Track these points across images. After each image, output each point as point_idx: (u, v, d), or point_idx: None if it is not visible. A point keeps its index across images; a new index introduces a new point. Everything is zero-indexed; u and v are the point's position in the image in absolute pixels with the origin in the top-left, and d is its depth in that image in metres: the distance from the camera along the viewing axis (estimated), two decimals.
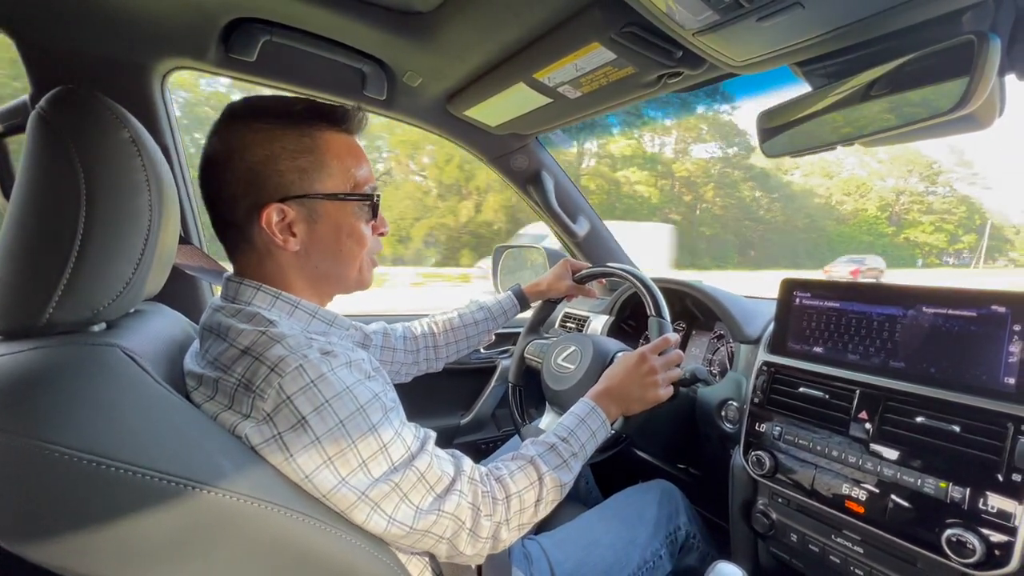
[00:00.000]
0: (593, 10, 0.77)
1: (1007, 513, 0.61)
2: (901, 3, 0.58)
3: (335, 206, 0.63)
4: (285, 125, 0.60)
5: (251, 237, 0.61)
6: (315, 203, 0.62)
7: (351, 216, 0.65)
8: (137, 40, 0.94)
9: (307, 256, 0.64)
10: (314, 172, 0.61)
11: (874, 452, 0.74)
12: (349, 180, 0.64)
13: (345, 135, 0.65)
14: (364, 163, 0.67)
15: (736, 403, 0.99)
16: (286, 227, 0.61)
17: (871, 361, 0.80)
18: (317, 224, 0.63)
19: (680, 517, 0.98)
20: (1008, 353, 0.66)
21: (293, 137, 0.60)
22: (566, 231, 1.58)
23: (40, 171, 0.45)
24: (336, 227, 0.64)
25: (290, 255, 0.63)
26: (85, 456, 0.38)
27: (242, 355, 0.53)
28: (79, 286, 0.45)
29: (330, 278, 0.67)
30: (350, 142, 0.66)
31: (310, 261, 0.64)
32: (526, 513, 0.64)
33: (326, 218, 0.63)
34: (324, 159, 0.62)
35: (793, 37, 0.69)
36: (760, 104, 0.87)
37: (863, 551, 0.78)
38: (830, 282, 0.90)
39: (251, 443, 0.49)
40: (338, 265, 0.66)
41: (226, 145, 0.59)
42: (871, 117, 0.73)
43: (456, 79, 1.10)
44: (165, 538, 0.41)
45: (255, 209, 0.59)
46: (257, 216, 0.59)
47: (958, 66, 0.60)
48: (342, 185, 0.63)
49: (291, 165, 0.60)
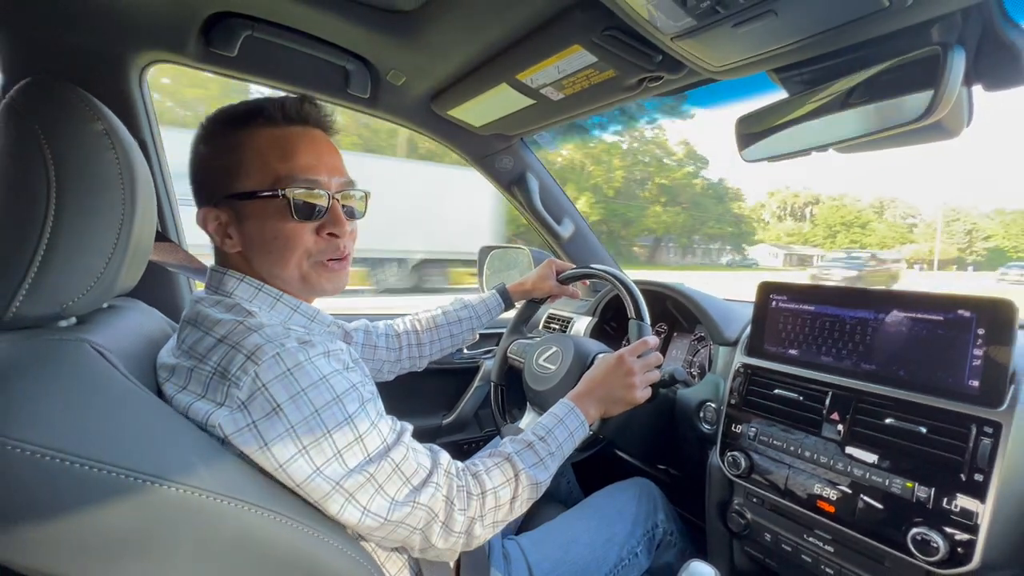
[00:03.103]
0: (574, 13, 0.78)
1: (970, 512, 0.63)
2: (871, 13, 0.59)
3: (255, 205, 0.60)
4: (217, 127, 0.62)
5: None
6: (238, 204, 0.61)
7: (273, 215, 0.60)
8: (116, 31, 0.93)
9: (248, 258, 0.63)
10: (234, 171, 0.60)
11: (846, 453, 0.76)
12: (269, 176, 0.60)
13: (274, 128, 0.61)
14: (295, 155, 0.61)
15: (714, 404, 1.00)
16: (222, 229, 0.62)
17: (843, 363, 0.82)
18: (243, 225, 0.62)
19: (658, 514, 0.99)
20: (972, 356, 0.68)
21: (220, 138, 0.62)
22: (550, 232, 1.58)
23: (9, 161, 0.44)
24: (260, 228, 0.61)
25: (236, 256, 0.64)
26: (48, 452, 0.37)
27: (218, 343, 0.53)
28: (47, 280, 0.45)
29: (274, 282, 0.64)
30: (279, 134, 0.61)
31: (252, 263, 0.64)
32: (501, 510, 0.65)
33: (250, 219, 0.61)
34: (243, 156, 0.60)
35: (768, 44, 0.70)
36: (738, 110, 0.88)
37: (833, 550, 0.79)
38: (806, 285, 0.91)
39: (224, 432, 0.49)
40: (274, 267, 0.63)
41: (190, 154, 0.64)
42: (846, 124, 0.75)
43: (440, 79, 1.10)
44: (127, 534, 0.40)
45: (200, 212, 0.62)
46: (201, 219, 0.62)
47: (925, 77, 0.62)
48: (260, 182, 0.60)
49: (217, 166, 0.61)
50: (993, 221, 51.37)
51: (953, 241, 50.28)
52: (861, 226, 52.97)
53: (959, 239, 50.17)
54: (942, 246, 49.67)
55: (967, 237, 49.99)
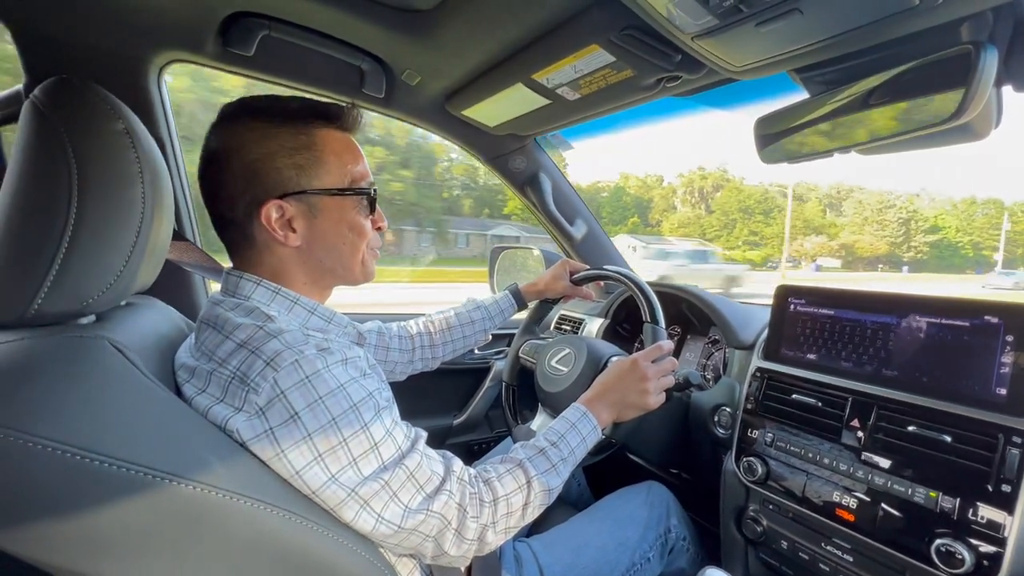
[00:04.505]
0: (592, 12, 0.77)
1: (997, 524, 0.61)
2: (899, 12, 0.58)
3: (334, 201, 0.64)
4: (281, 123, 0.61)
5: (251, 234, 0.62)
6: (314, 199, 0.63)
7: (350, 210, 0.66)
8: (134, 32, 0.94)
9: (309, 251, 0.65)
10: (311, 169, 0.62)
11: (865, 460, 0.74)
12: (346, 176, 0.65)
13: (341, 132, 0.66)
14: (360, 160, 0.67)
15: (729, 409, 0.99)
16: (286, 223, 0.62)
17: (864, 369, 0.80)
18: (317, 219, 0.64)
19: (671, 519, 0.97)
20: (1000, 364, 0.66)
21: (289, 135, 0.61)
22: (563, 233, 1.57)
23: (32, 161, 0.45)
24: (336, 221, 0.65)
25: (291, 250, 0.64)
26: (67, 448, 0.37)
27: (238, 348, 0.53)
28: (68, 277, 0.45)
29: (335, 271, 0.68)
30: (346, 139, 0.66)
31: (313, 255, 0.65)
32: (513, 517, 0.64)
33: (325, 213, 0.64)
34: (321, 156, 0.63)
35: (791, 43, 0.69)
36: (758, 111, 0.87)
37: (853, 560, 0.77)
38: (825, 289, 0.90)
39: (242, 438, 0.49)
40: (341, 258, 0.67)
41: (223, 144, 0.60)
42: (868, 125, 0.73)
43: (455, 78, 1.10)
44: (144, 531, 0.41)
45: (254, 206, 0.60)
46: (256, 213, 0.60)
47: (955, 76, 0.60)
48: (339, 181, 0.64)
49: (288, 162, 0.61)
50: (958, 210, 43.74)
51: (884, 234, 43.39)
52: (763, 214, 46.36)
53: (892, 230, 43.08)
54: (869, 239, 42.83)
55: (902, 228, 42.68)
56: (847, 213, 48.29)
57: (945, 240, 42.83)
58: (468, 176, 37.49)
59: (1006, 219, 44.43)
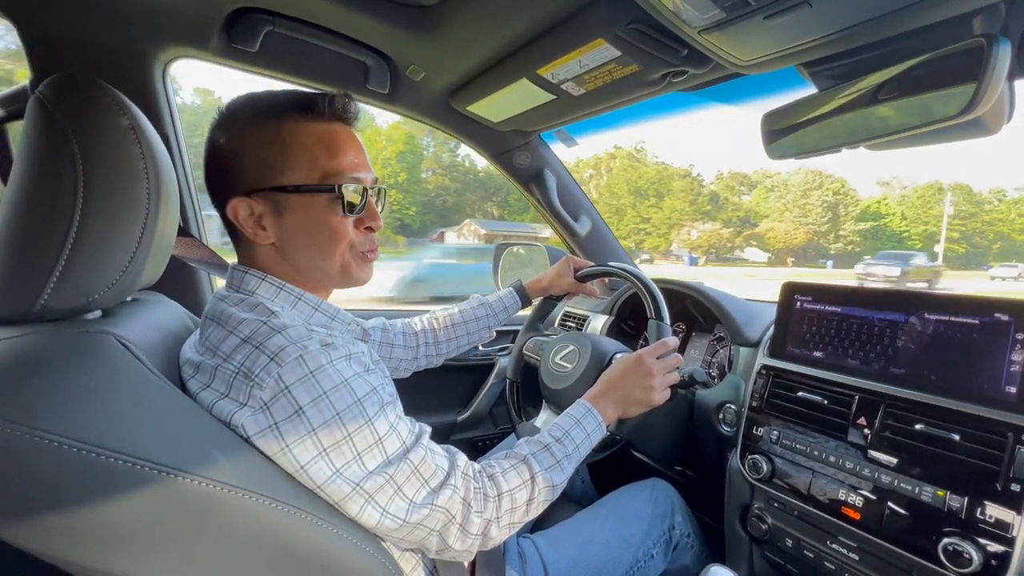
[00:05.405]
0: (598, 6, 0.76)
1: (1005, 523, 0.61)
2: (910, 4, 0.57)
3: (301, 199, 0.61)
4: (252, 118, 0.61)
5: (236, 230, 0.63)
6: (280, 196, 0.61)
7: (320, 209, 0.62)
8: (139, 28, 0.94)
9: (283, 249, 0.63)
10: (277, 164, 0.60)
11: (872, 458, 0.74)
12: (317, 171, 0.61)
13: (320, 124, 0.62)
14: (340, 153, 0.62)
15: (734, 406, 0.99)
16: (255, 221, 0.61)
17: (871, 367, 0.79)
18: (284, 217, 0.61)
19: (675, 516, 0.97)
20: (1010, 362, 0.66)
21: (258, 129, 0.60)
22: (567, 230, 1.57)
23: (38, 156, 0.45)
24: (305, 220, 0.62)
25: (267, 248, 0.63)
26: (73, 443, 0.37)
27: (243, 343, 0.53)
28: (74, 273, 0.45)
29: (312, 272, 0.65)
30: (325, 131, 0.62)
31: (287, 255, 0.64)
32: (517, 512, 0.64)
33: (293, 211, 0.61)
34: (288, 150, 0.60)
35: (800, 37, 0.68)
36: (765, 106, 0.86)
37: (858, 558, 0.77)
38: (831, 286, 0.89)
39: (246, 433, 0.49)
40: (314, 259, 0.64)
41: (208, 143, 0.62)
42: (878, 120, 0.72)
43: (459, 74, 1.09)
44: (148, 525, 0.41)
45: (225, 203, 0.61)
46: (228, 210, 0.61)
47: (966, 70, 0.59)
48: (308, 176, 0.61)
49: (255, 158, 0.60)
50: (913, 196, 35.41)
51: (806, 222, 35.78)
52: (657, 196, 38.15)
53: (816, 217, 35.16)
54: (785, 228, 34.83)
55: (828, 214, 34.76)
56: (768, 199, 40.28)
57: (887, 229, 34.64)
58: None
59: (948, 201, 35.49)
